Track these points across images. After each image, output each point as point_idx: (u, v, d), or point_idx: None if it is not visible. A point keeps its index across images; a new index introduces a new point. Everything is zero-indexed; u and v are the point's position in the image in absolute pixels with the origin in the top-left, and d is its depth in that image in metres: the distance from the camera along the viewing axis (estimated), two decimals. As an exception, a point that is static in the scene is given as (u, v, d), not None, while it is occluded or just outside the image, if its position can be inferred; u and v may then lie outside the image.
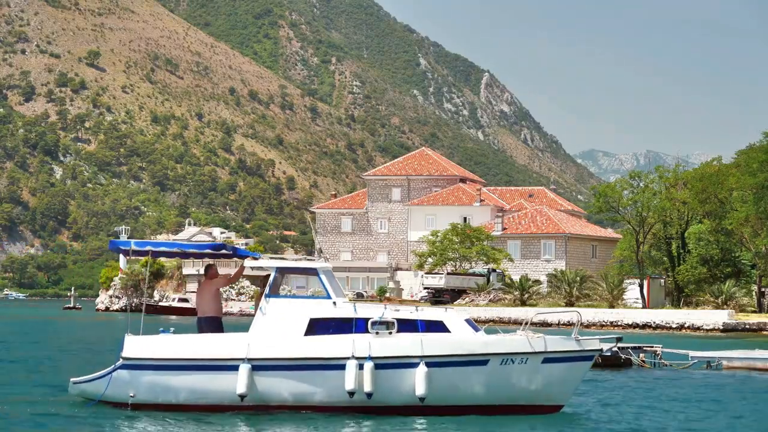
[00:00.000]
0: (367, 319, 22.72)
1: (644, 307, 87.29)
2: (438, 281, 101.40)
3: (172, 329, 23.50)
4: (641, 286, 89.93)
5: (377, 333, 22.50)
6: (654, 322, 78.83)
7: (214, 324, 23.61)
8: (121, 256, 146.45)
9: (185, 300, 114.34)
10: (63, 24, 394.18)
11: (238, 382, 22.26)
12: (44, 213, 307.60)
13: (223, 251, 23.71)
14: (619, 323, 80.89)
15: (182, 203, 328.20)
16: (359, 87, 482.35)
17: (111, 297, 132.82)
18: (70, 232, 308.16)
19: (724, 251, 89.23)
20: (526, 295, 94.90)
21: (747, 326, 75.32)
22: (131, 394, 22.85)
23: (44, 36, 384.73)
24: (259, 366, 22.39)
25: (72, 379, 23.62)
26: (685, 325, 77.06)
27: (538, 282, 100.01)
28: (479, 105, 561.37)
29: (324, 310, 22.88)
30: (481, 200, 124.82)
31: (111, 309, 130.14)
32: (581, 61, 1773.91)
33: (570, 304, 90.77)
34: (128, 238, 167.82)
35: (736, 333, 72.87)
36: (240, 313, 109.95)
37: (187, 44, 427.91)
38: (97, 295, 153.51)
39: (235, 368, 22.34)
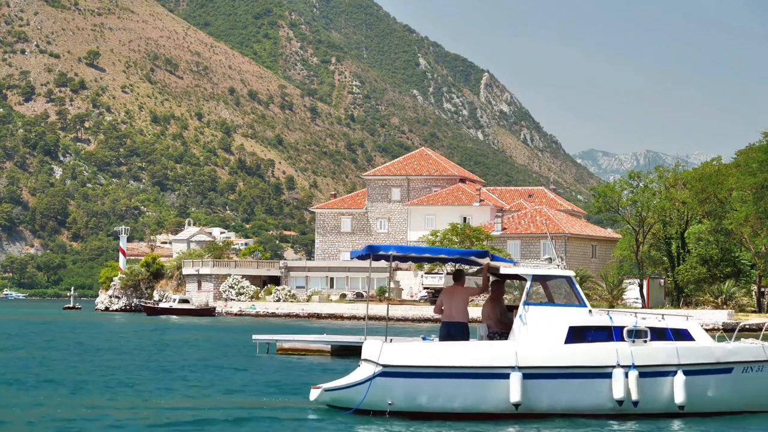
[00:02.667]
0: (622, 327, 23.13)
1: (644, 307, 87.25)
2: (438, 281, 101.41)
3: (433, 336, 23.39)
4: (641, 286, 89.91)
5: (633, 341, 22.99)
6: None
7: (462, 330, 23.55)
8: (121, 256, 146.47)
9: (186, 300, 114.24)
10: (63, 24, 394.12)
11: (511, 391, 22.36)
12: (44, 213, 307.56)
13: (474, 258, 23.96)
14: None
15: (182, 203, 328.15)
16: (359, 87, 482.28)
17: (111, 297, 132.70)
18: (69, 232, 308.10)
19: (724, 251, 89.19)
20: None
21: (747, 326, 75.36)
22: (389, 402, 22.64)
23: (44, 36, 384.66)
24: (529, 374, 22.52)
25: (324, 387, 23.27)
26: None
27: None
28: (479, 105, 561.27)
29: (582, 318, 23.22)
30: (481, 200, 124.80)
31: (111, 309, 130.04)
32: (581, 61, 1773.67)
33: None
34: (127, 238, 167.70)
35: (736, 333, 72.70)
36: (240, 312, 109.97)
37: (186, 44, 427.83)
38: (97, 295, 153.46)
39: (505, 376, 22.43)
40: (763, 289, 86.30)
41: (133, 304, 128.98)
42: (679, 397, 22.89)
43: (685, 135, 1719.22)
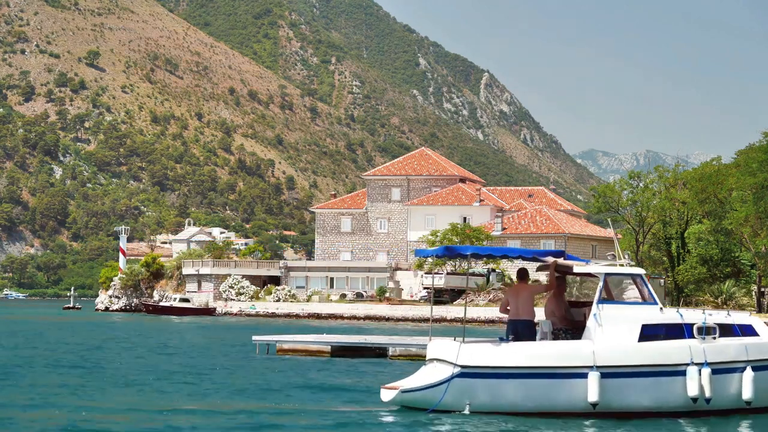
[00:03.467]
0: (691, 325, 23.32)
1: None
2: (438, 281, 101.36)
3: (511, 337, 23.33)
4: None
5: (704, 338, 23.15)
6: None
7: (529, 327, 23.64)
8: (121, 256, 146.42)
9: (186, 300, 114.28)
10: (63, 24, 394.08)
11: (589, 390, 22.43)
12: (44, 213, 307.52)
13: (560, 258, 24.14)
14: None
15: (182, 203, 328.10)
16: (359, 87, 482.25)
17: (111, 297, 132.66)
18: (69, 232, 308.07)
19: (724, 251, 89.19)
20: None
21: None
22: (467, 402, 22.71)
23: (44, 36, 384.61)
24: (606, 373, 22.63)
25: (400, 387, 23.15)
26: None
27: (537, 282, 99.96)
28: (479, 105, 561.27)
29: (654, 316, 23.39)
30: (481, 200, 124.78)
31: (110, 309, 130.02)
32: (581, 61, 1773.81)
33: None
34: (127, 238, 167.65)
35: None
36: (239, 312, 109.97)
37: (186, 44, 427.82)
38: (97, 295, 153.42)
39: (583, 376, 22.52)
40: (763, 289, 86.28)
41: (133, 304, 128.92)
42: (747, 393, 23.15)
43: (685, 135, 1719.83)
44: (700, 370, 22.74)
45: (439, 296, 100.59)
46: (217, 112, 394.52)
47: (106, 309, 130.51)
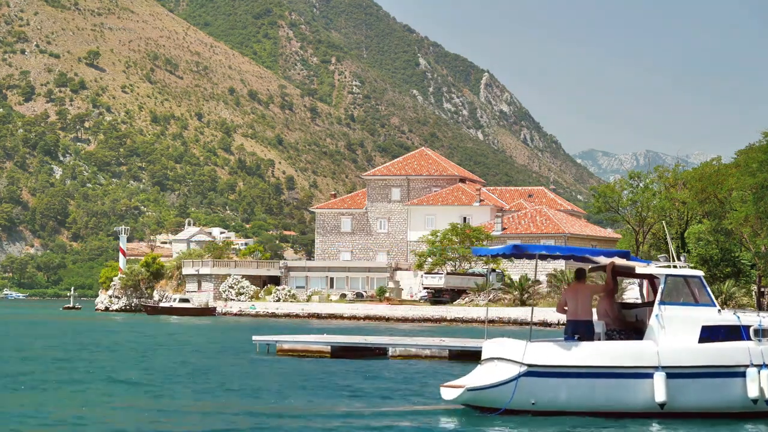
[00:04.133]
0: (748, 327, 23.71)
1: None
2: (438, 281, 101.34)
3: (576, 336, 23.49)
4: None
5: (760, 340, 23.54)
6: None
7: (588, 327, 23.82)
8: (121, 256, 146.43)
9: (186, 300, 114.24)
10: (62, 24, 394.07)
11: (655, 390, 22.85)
12: (44, 213, 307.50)
13: (624, 258, 24.37)
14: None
15: (182, 203, 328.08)
16: (359, 87, 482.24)
17: (110, 297, 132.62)
18: (69, 232, 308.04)
19: (724, 251, 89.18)
20: (526, 295, 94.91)
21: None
22: (532, 402, 22.91)
23: (44, 36, 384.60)
24: (671, 374, 22.99)
25: (467, 386, 23.21)
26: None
27: (537, 282, 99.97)
28: (479, 105, 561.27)
29: (713, 317, 23.69)
30: (481, 200, 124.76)
31: (110, 309, 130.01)
32: (581, 61, 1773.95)
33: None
34: (127, 238, 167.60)
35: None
36: (239, 312, 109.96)
37: (186, 44, 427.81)
38: (97, 295, 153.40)
39: (649, 376, 22.97)
40: (763, 289, 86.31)
41: (133, 304, 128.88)
42: None
43: (685, 135, 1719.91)
44: (759, 372, 23.12)
45: (438, 296, 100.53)
46: (217, 112, 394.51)
47: (106, 309, 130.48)
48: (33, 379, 32.20)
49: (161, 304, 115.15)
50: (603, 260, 24.42)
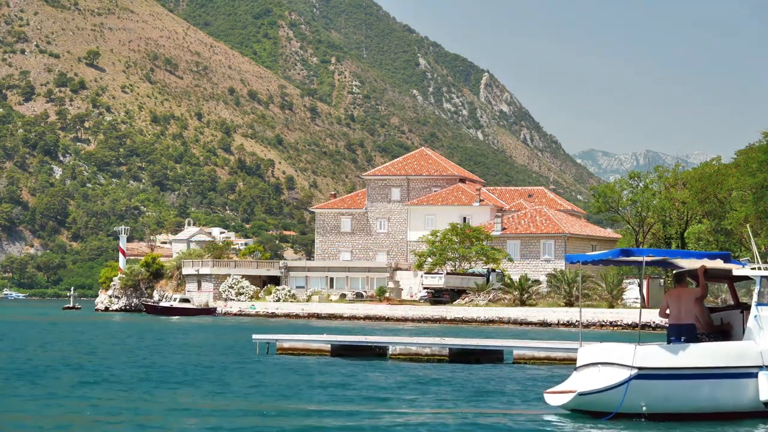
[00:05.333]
0: None
1: (644, 306, 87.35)
2: (437, 281, 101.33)
3: (683, 338, 23.69)
4: (641, 286, 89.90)
5: None
6: (654, 322, 78.74)
7: (691, 331, 24.05)
8: (121, 256, 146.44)
9: (186, 300, 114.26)
10: (62, 24, 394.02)
11: (760, 389, 23.34)
12: (44, 213, 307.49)
13: (725, 260, 24.54)
14: (618, 323, 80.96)
15: (182, 203, 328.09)
16: (359, 87, 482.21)
17: (110, 297, 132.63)
18: (69, 232, 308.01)
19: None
20: (526, 295, 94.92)
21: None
22: (642, 405, 23.16)
23: (44, 36, 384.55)
24: None
25: (578, 391, 23.31)
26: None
27: (537, 282, 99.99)
28: (479, 105, 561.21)
29: None
30: (481, 200, 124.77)
31: (110, 309, 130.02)
32: (581, 61, 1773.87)
33: (570, 304, 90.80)
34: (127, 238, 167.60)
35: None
36: (239, 312, 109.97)
37: (186, 44, 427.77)
38: (97, 295, 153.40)
39: (753, 375, 23.46)
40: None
41: (132, 304, 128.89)
42: None
43: (685, 135, 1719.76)
44: None
45: (438, 296, 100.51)
46: (217, 112, 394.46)
47: (106, 309, 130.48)
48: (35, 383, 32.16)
49: (161, 304, 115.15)
50: (687, 263, 24.56)
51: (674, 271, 24.89)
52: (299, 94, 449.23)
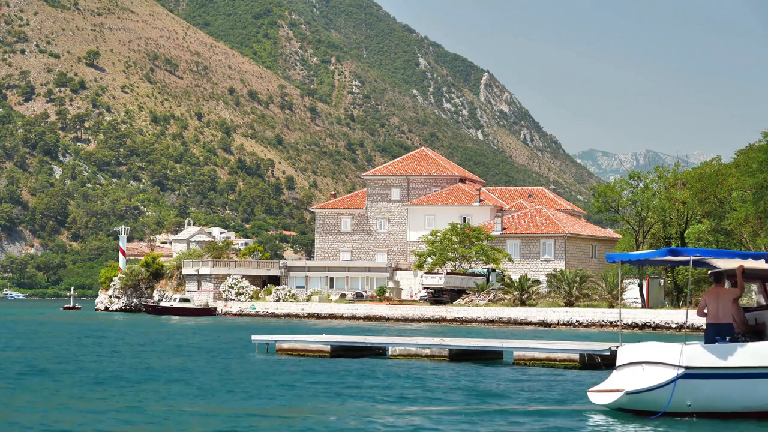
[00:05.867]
0: None
1: (644, 306, 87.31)
2: (437, 281, 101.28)
3: (728, 338, 23.83)
4: (641, 286, 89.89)
5: None
6: (653, 322, 78.86)
7: (730, 330, 24.18)
8: (121, 256, 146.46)
9: (186, 300, 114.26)
10: (62, 24, 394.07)
11: None
12: (44, 213, 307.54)
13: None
14: (618, 323, 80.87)
15: (182, 203, 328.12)
16: (359, 87, 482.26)
17: (110, 297, 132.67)
18: (69, 232, 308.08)
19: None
20: (526, 295, 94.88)
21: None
22: (687, 403, 23.44)
23: (43, 36, 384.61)
24: None
25: (626, 390, 23.49)
26: (685, 325, 77.05)
27: (537, 282, 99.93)
28: (479, 105, 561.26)
29: None
30: (481, 200, 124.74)
31: (110, 309, 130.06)
32: (581, 61, 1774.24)
33: (570, 304, 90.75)
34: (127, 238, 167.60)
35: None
36: (239, 312, 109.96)
37: (186, 44, 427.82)
38: (97, 295, 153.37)
39: None
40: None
41: (132, 304, 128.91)
42: None
43: (685, 135, 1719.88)
44: None
45: (438, 296, 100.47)
46: (217, 112, 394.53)
47: (106, 309, 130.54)
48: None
49: (161, 304, 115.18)
50: (731, 263, 24.65)
51: (712, 271, 24.97)
52: (299, 94, 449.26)
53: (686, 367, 23.23)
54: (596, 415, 24.06)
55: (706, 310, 24.21)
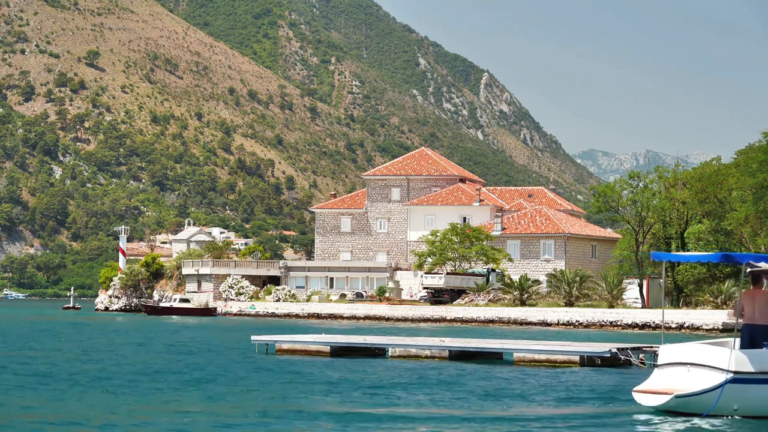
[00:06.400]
0: None
1: (644, 307, 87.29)
2: (437, 281, 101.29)
3: (766, 343, 23.89)
4: (641, 286, 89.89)
5: None
6: (653, 322, 78.86)
7: (766, 332, 24.21)
8: (121, 256, 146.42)
9: (186, 300, 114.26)
10: (62, 24, 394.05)
11: None
12: (44, 213, 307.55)
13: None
14: (618, 323, 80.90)
15: (182, 203, 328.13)
16: (358, 87, 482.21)
17: (110, 297, 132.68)
18: (69, 231, 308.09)
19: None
20: (526, 295, 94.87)
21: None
22: (734, 407, 23.67)
23: (43, 36, 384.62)
24: None
25: (676, 393, 23.65)
26: (685, 325, 77.05)
27: (537, 282, 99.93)
28: (479, 105, 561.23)
29: None
30: (481, 200, 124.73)
31: (110, 309, 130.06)
32: (581, 61, 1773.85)
33: (570, 304, 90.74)
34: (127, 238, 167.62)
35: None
36: (239, 312, 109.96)
37: (186, 44, 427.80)
38: (97, 295, 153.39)
39: None
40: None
41: (132, 304, 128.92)
42: None
43: (685, 135, 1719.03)
44: None
45: (438, 296, 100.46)
46: (217, 112, 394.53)
47: (106, 309, 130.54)
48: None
49: (161, 304, 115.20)
50: (764, 265, 24.60)
51: (749, 270, 24.89)
52: (299, 94, 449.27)
53: (735, 372, 23.42)
54: (648, 415, 24.18)
55: (743, 311, 24.28)
